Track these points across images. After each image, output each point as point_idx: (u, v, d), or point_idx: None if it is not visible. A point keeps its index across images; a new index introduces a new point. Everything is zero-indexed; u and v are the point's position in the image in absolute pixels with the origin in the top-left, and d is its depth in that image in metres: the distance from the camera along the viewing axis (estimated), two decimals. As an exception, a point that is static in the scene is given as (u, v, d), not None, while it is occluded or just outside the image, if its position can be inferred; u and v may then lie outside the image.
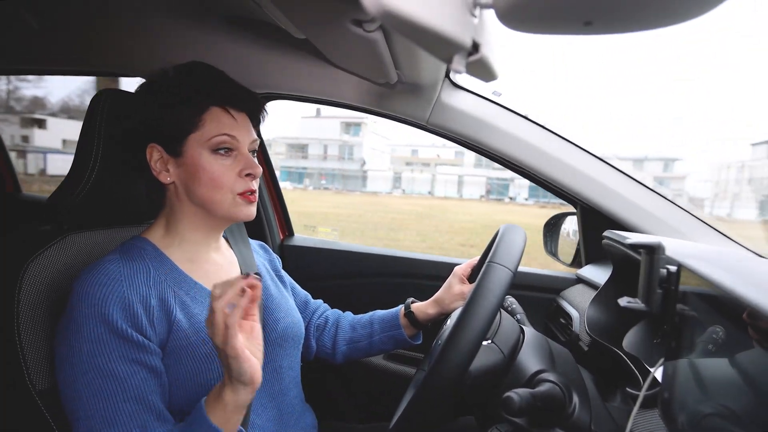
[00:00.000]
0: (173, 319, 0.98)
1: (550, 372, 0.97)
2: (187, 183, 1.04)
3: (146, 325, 0.94)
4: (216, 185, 1.02)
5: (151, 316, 0.95)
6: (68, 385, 0.90)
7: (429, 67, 1.32)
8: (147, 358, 0.93)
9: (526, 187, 35.70)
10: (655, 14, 0.41)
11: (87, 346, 0.89)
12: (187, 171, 1.03)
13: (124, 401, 0.89)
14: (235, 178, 1.04)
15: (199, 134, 1.01)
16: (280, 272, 1.40)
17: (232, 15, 1.45)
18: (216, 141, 1.02)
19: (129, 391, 0.89)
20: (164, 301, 0.99)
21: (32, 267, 0.99)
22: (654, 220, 1.48)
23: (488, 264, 0.95)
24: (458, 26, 0.46)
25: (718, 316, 0.69)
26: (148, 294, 0.97)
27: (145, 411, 0.90)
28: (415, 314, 1.37)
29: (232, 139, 1.03)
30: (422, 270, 1.92)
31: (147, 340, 0.94)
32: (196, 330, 1.00)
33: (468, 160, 40.65)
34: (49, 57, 1.86)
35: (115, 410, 0.88)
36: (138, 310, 0.93)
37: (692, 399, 0.74)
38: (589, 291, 1.53)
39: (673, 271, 0.85)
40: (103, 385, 0.88)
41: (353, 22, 1.00)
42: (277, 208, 2.15)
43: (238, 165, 1.04)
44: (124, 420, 0.88)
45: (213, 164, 1.02)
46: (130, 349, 0.91)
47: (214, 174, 1.02)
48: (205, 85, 1.03)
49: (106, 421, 0.87)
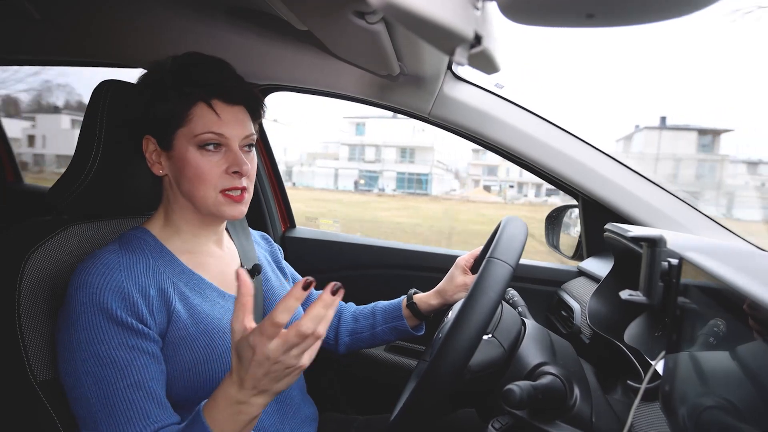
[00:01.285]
0: (172, 309, 0.98)
1: (551, 364, 0.97)
2: (176, 176, 1.04)
3: (145, 314, 0.94)
4: (200, 181, 1.01)
5: (151, 306, 0.95)
6: (69, 373, 0.90)
7: (431, 59, 1.31)
8: (146, 345, 0.93)
9: (393, 179, 36.27)
10: (658, 6, 0.41)
11: (85, 334, 0.89)
12: (175, 165, 1.03)
13: (125, 388, 0.89)
14: (220, 174, 1.02)
15: (187, 129, 1.01)
16: (281, 263, 1.40)
17: (234, 6, 1.44)
18: (202, 138, 1.01)
19: (129, 377, 0.89)
20: (163, 292, 0.99)
21: (33, 257, 0.99)
22: (656, 213, 1.47)
23: (488, 259, 0.94)
24: (460, 18, 0.45)
25: (720, 309, 0.69)
26: (147, 284, 0.97)
27: (146, 398, 0.90)
28: (417, 305, 1.37)
29: (219, 137, 1.02)
30: (424, 261, 1.93)
31: (146, 328, 0.94)
32: (195, 321, 1.00)
33: (342, 154, 40.99)
34: (50, 47, 1.85)
35: (116, 397, 0.88)
36: (136, 299, 0.93)
37: (693, 392, 0.75)
38: (590, 284, 1.53)
39: (674, 264, 0.85)
40: (102, 372, 0.89)
41: (355, 13, 0.99)
42: (279, 200, 2.15)
43: (225, 162, 1.03)
44: (125, 407, 0.88)
45: (199, 160, 1.01)
46: (128, 335, 0.91)
47: (198, 170, 1.01)
48: (195, 78, 1.02)
49: (107, 408, 0.88)
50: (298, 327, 0.75)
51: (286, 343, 0.75)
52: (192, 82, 1.01)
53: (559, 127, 1.55)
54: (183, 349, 0.97)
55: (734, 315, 0.65)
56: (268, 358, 0.76)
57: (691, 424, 0.72)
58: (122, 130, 1.08)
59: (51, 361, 1.00)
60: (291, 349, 0.76)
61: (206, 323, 1.01)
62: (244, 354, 0.78)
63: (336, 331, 1.43)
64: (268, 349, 0.75)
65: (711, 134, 14.72)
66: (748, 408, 0.61)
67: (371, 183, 37.88)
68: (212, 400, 0.84)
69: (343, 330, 1.42)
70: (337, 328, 1.43)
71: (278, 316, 0.74)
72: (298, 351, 0.77)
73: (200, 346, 0.99)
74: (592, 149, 1.54)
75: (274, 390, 0.82)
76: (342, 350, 1.43)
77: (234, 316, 0.79)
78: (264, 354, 0.75)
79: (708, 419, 0.68)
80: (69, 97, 18.13)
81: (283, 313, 0.74)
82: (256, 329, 0.76)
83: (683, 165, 11.34)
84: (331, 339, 1.43)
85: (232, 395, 0.81)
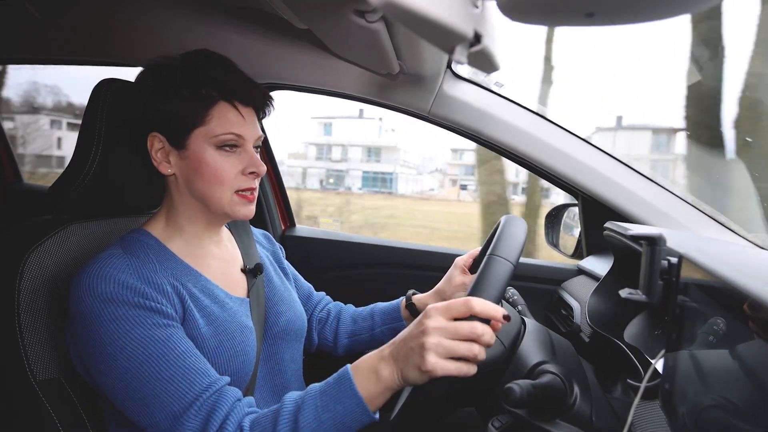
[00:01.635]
0: (187, 307, 0.98)
1: (551, 363, 0.97)
2: (188, 176, 1.03)
3: (166, 303, 0.94)
4: (217, 181, 1.01)
5: (170, 299, 0.96)
6: (108, 371, 0.90)
7: (431, 57, 1.31)
8: (176, 324, 0.94)
9: (359, 178, 36.57)
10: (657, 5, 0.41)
11: (114, 325, 0.89)
12: (189, 164, 1.02)
13: (176, 358, 0.89)
14: (237, 175, 1.03)
15: (205, 129, 1.00)
16: (283, 263, 1.39)
17: (234, 5, 1.44)
18: (222, 139, 1.01)
19: (176, 348, 0.90)
20: (176, 289, 0.99)
21: (33, 257, 0.99)
22: (655, 212, 1.47)
23: (489, 256, 0.94)
24: (460, 17, 0.45)
25: (719, 307, 0.69)
26: (160, 282, 0.96)
27: (199, 359, 0.92)
28: (416, 306, 1.37)
29: (238, 138, 1.02)
30: (423, 260, 1.93)
31: (173, 312, 0.95)
32: (207, 322, 1.00)
33: (311, 153, 41.26)
34: (51, 46, 1.85)
35: (170, 368, 0.89)
36: (153, 294, 0.93)
37: (693, 390, 0.75)
38: (590, 282, 1.52)
39: (674, 263, 0.85)
40: (147, 352, 0.88)
41: (355, 12, 0.99)
42: (279, 199, 2.15)
43: (241, 162, 1.03)
44: (183, 373, 0.89)
45: (217, 160, 1.01)
46: (158, 317, 0.92)
47: (217, 170, 1.01)
48: (214, 77, 1.01)
49: (164, 381, 0.88)
50: (473, 326, 0.83)
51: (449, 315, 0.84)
52: (210, 80, 1.01)
53: (558, 126, 1.55)
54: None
55: (734, 313, 0.65)
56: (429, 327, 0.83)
57: (691, 422, 0.72)
58: (122, 129, 1.07)
59: (50, 361, 1.00)
60: (450, 330, 0.83)
61: (216, 325, 1.01)
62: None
63: (335, 333, 1.43)
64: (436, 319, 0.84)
65: (665, 133, 14.72)
66: (748, 406, 0.61)
67: (338, 182, 38.19)
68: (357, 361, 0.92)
69: (342, 332, 1.42)
70: (336, 329, 1.43)
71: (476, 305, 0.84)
72: (450, 338, 0.83)
73: (210, 347, 0.98)
74: (592, 147, 1.55)
75: (402, 367, 0.86)
76: (341, 352, 1.43)
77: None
78: (432, 321, 0.84)
79: (708, 418, 0.68)
80: (52, 98, 18.25)
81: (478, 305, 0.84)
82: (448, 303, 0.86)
83: (639, 165, 11.42)
84: (330, 341, 1.43)
85: (373, 359, 0.90)
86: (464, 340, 0.83)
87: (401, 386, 0.87)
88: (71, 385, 1.03)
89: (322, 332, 1.43)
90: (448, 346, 0.82)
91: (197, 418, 0.87)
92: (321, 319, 1.45)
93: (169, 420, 0.87)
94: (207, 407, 0.88)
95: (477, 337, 0.83)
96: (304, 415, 0.85)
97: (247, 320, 1.08)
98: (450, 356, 0.82)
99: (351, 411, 0.85)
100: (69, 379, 1.03)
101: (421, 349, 0.82)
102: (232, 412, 0.88)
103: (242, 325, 1.05)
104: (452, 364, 0.82)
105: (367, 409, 0.85)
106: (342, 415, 0.85)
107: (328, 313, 1.46)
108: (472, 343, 0.83)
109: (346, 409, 0.85)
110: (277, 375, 1.16)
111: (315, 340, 1.43)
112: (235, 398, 0.90)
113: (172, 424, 0.87)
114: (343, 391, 0.86)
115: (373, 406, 0.86)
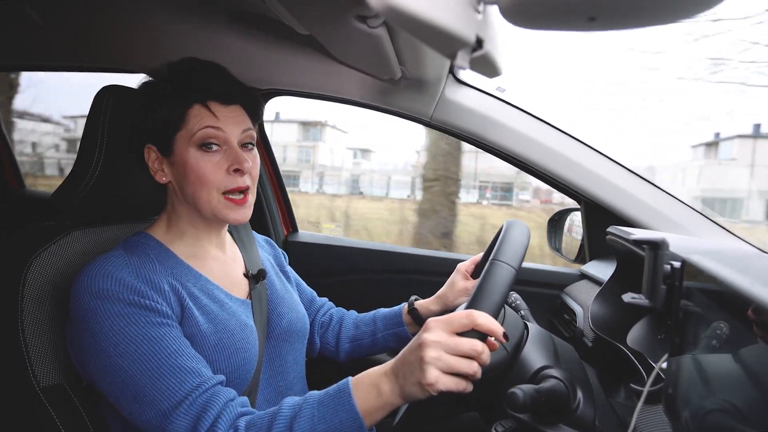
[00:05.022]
0: (185, 305, 0.99)
1: (554, 368, 0.97)
2: (179, 182, 1.04)
3: (162, 302, 0.95)
4: (201, 182, 1.01)
5: (167, 298, 0.96)
6: (101, 367, 0.90)
7: (433, 63, 1.31)
8: (172, 323, 0.94)
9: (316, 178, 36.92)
10: (659, 10, 0.41)
11: (109, 322, 0.89)
12: (178, 170, 1.03)
13: (167, 357, 0.89)
14: (222, 175, 1.02)
15: (185, 131, 1.01)
16: (285, 268, 1.40)
17: (236, 11, 1.45)
18: (201, 135, 1.01)
19: (168, 347, 0.90)
20: (175, 288, 0.99)
21: (36, 263, 0.99)
22: (658, 216, 1.47)
23: (491, 262, 0.94)
24: (462, 22, 0.45)
25: (722, 311, 0.69)
26: (159, 281, 0.97)
27: (191, 358, 0.92)
28: (418, 311, 1.37)
29: (217, 131, 1.02)
30: (426, 266, 1.92)
31: (169, 311, 0.95)
32: (206, 320, 1.00)
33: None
34: (52, 53, 1.86)
35: (161, 367, 0.89)
36: (150, 293, 0.94)
37: (696, 395, 0.74)
38: (593, 287, 1.52)
39: (677, 267, 0.84)
40: (140, 349, 0.89)
41: (357, 18, 0.99)
42: (281, 204, 2.15)
43: (226, 161, 1.03)
44: (172, 372, 0.89)
45: (199, 161, 1.01)
46: (152, 315, 0.92)
47: (200, 170, 1.01)
48: (190, 82, 1.02)
49: (154, 380, 0.88)
50: (473, 343, 0.83)
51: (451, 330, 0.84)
52: (188, 86, 1.02)
53: (561, 131, 1.55)
54: (193, 346, 0.97)
55: (737, 318, 0.65)
56: (431, 341, 0.82)
57: (694, 426, 0.72)
58: (124, 134, 1.08)
59: (54, 367, 1.00)
60: (452, 345, 0.82)
61: (216, 323, 1.01)
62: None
63: (337, 338, 1.43)
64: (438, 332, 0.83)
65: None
66: (752, 411, 0.61)
67: (294, 183, 38.75)
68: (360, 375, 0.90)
69: (344, 337, 1.42)
70: (338, 334, 1.43)
71: (478, 318, 0.84)
72: (450, 354, 0.82)
73: (209, 345, 0.99)
74: (594, 152, 1.55)
75: (402, 384, 0.84)
76: (343, 357, 1.43)
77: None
78: (433, 335, 0.83)
79: (711, 422, 0.68)
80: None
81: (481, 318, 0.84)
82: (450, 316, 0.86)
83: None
84: (332, 345, 1.43)
85: (376, 373, 0.88)
86: (464, 357, 0.82)
87: (402, 403, 0.86)
88: (75, 391, 1.03)
89: (324, 337, 1.43)
90: (449, 361, 0.81)
91: (187, 416, 0.87)
92: (323, 323, 1.45)
93: (159, 418, 0.87)
94: (197, 406, 0.88)
95: (477, 354, 0.82)
96: (300, 423, 0.85)
97: (247, 320, 1.09)
98: (450, 371, 0.82)
99: (347, 425, 0.84)
100: (72, 385, 1.03)
101: (421, 362, 0.81)
102: (224, 411, 0.88)
103: (242, 324, 1.06)
104: (452, 379, 0.82)
105: (363, 426, 0.84)
106: (337, 428, 0.84)
107: (330, 318, 1.46)
108: (472, 361, 0.83)
109: (342, 422, 0.84)
110: (281, 377, 1.16)
111: (317, 345, 1.43)
112: (227, 398, 0.90)
113: (162, 422, 0.87)
114: (341, 404, 0.85)
115: (371, 421, 0.86)
